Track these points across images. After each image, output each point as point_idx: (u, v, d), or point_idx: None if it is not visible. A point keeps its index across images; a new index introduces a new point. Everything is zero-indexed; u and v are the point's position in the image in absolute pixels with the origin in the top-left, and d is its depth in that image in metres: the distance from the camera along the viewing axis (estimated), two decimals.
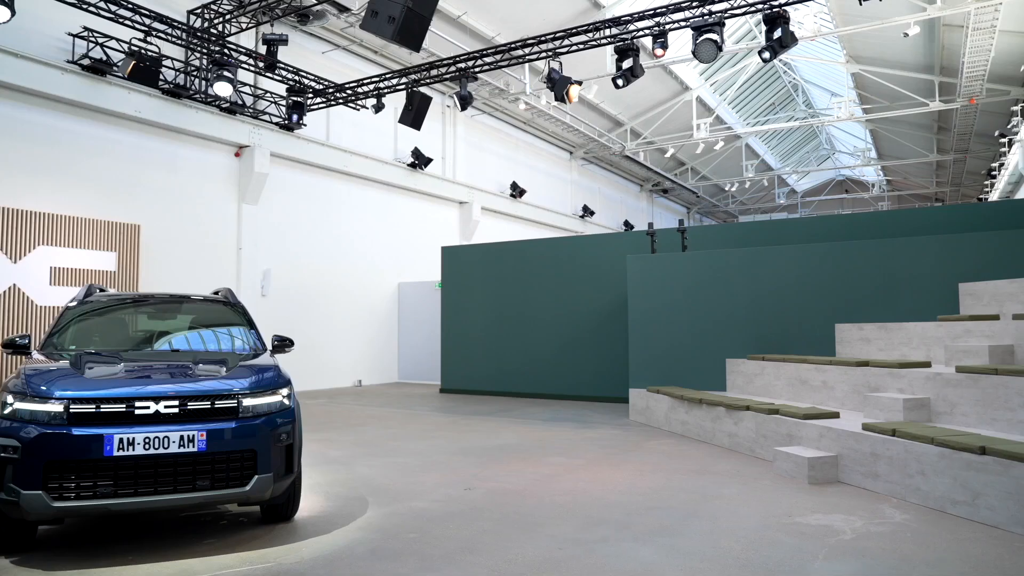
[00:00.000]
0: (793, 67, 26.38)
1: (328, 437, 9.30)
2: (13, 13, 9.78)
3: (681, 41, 18.55)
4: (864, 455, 6.38)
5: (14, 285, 11.05)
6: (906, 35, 16.39)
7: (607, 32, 12.68)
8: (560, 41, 13.00)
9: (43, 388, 4.43)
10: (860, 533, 5.01)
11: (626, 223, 31.34)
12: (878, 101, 24.65)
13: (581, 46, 12.98)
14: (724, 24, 11.37)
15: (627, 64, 12.40)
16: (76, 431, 4.27)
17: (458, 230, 21.70)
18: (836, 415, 7.45)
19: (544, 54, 13.24)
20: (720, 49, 11.23)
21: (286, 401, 5.00)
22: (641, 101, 24.75)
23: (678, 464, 7.60)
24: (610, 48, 14.60)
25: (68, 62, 12.20)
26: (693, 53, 11.37)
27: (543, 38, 13.09)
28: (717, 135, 25.78)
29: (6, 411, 4.38)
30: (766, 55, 11.58)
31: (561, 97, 13.13)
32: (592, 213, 28.61)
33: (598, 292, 13.85)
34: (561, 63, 13.19)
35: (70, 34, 12.19)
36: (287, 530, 5.10)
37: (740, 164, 31.21)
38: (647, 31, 12.22)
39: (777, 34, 11.22)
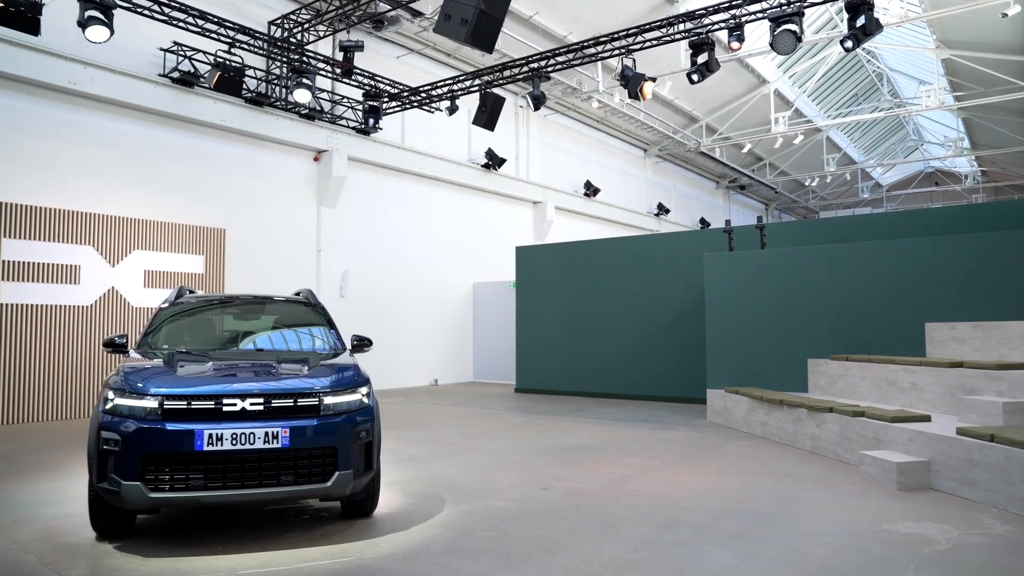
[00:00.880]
0: (877, 55, 25.34)
1: (405, 435, 9.46)
2: (112, 32, 10.32)
3: (758, 33, 18.14)
4: (959, 461, 6.07)
5: (112, 288, 11.67)
6: (1005, 15, 15.51)
7: (681, 27, 12.46)
8: (633, 38, 12.86)
9: (140, 385, 4.66)
10: (956, 544, 4.77)
11: (702, 221, 30.75)
12: (971, 87, 23.42)
13: (655, 42, 12.80)
14: (803, 14, 11.00)
15: (702, 59, 12.17)
16: (170, 426, 4.48)
17: (532, 230, 21.73)
18: (927, 419, 7.12)
19: (617, 51, 13.12)
20: (799, 40, 10.88)
21: (365, 400, 5.10)
22: (717, 96, 24.24)
23: (758, 467, 7.41)
24: (684, 43, 14.34)
25: (160, 75, 12.82)
26: (771, 45, 11.05)
27: (615, 35, 12.97)
28: (796, 129, 24.98)
29: (108, 406, 4.62)
30: (848, 44, 11.15)
31: (635, 94, 12.98)
32: (667, 211, 28.20)
33: (673, 291, 13.63)
34: (634, 60, 13.05)
35: (161, 49, 12.81)
36: (366, 525, 5.20)
37: (821, 158, 30.17)
38: (722, 24, 11.96)
39: (860, 22, 10.78)
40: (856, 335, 9.77)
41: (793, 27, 10.78)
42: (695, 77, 12.39)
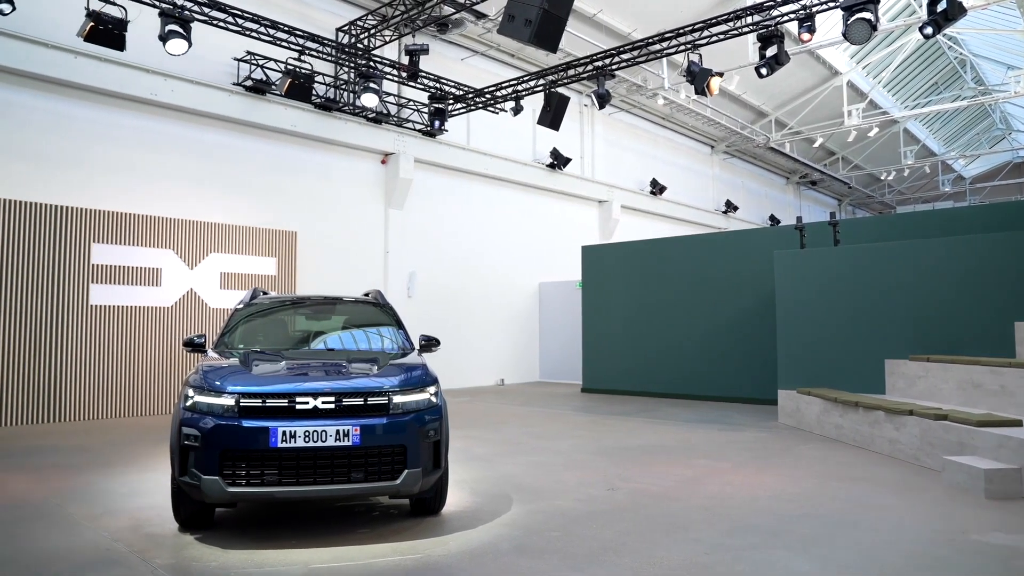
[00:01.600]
0: (960, 41, 24.27)
1: (472, 435, 9.53)
2: (190, 45, 10.75)
3: (830, 23, 17.58)
4: None
5: (191, 289, 12.13)
6: None
7: (749, 20, 12.19)
8: (699, 33, 12.65)
9: (217, 383, 4.82)
10: None
11: (772, 218, 30.01)
12: None
13: (721, 36, 12.55)
14: (878, 1, 10.61)
15: (771, 52, 11.88)
16: (246, 423, 4.62)
17: (598, 229, 21.62)
18: (1018, 423, 6.77)
19: (682, 47, 12.92)
20: (874, 29, 10.48)
21: (433, 399, 5.16)
22: (786, 89, 23.63)
23: (832, 470, 7.19)
24: (752, 36, 14.05)
25: (234, 84, 13.28)
26: (844, 35, 10.69)
27: (681, 31, 12.78)
28: (871, 121, 24.13)
29: (188, 403, 4.81)
30: (928, 31, 10.70)
31: (701, 90, 12.76)
32: (735, 208, 27.63)
33: (743, 290, 13.35)
34: (700, 55, 12.83)
35: (235, 59, 13.26)
36: (435, 523, 5.26)
37: (898, 151, 29.04)
38: (792, 15, 11.64)
39: (941, 6, 10.34)
40: (937, 335, 9.37)
41: (868, 15, 10.39)
42: (764, 71, 12.11)
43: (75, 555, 4.51)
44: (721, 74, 13.00)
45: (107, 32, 10.23)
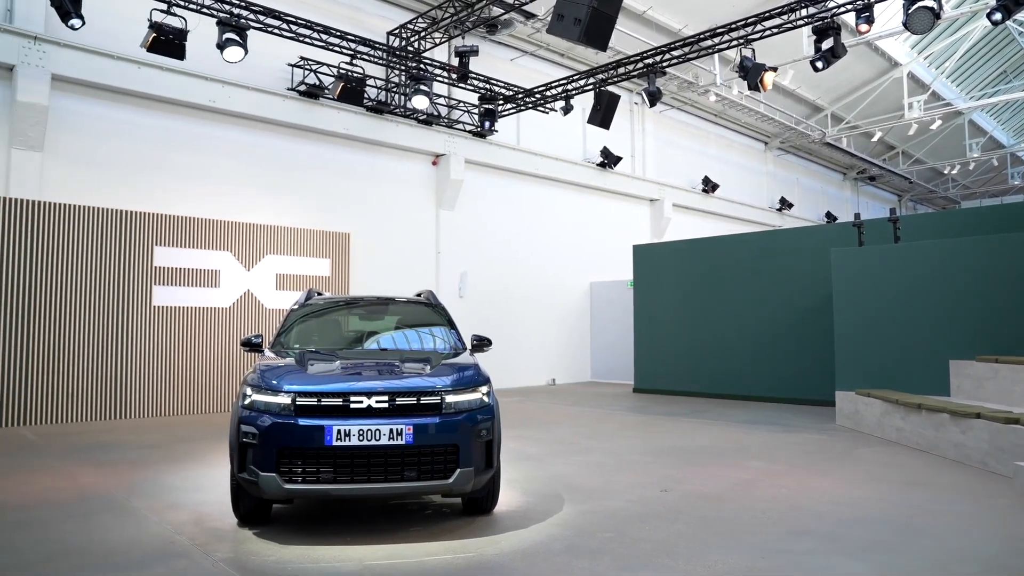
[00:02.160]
0: None
1: (524, 434, 9.54)
2: (246, 52, 11.02)
3: (889, 13, 17.07)
4: None
5: (248, 290, 12.43)
6: None
7: (804, 12, 11.92)
8: (752, 27, 12.42)
9: (274, 382, 4.92)
10: None
11: (828, 215, 29.29)
12: None
13: (775, 30, 12.31)
14: None
15: (827, 44, 11.60)
16: (302, 422, 4.71)
17: (649, 228, 21.43)
18: None
19: (735, 42, 12.71)
20: (938, 17, 10.14)
21: (486, 398, 5.18)
22: (843, 83, 23.04)
23: (894, 474, 6.98)
24: (807, 29, 13.73)
25: (288, 89, 13.57)
26: (904, 25, 10.37)
27: (733, 26, 12.57)
28: (933, 113, 23.33)
29: (246, 402, 4.92)
30: (997, 16, 10.31)
31: (755, 86, 12.53)
32: (790, 206, 27.06)
33: (798, 288, 13.08)
34: (753, 50, 12.60)
35: (289, 64, 13.55)
36: (487, 522, 5.29)
37: (962, 144, 28.01)
38: (849, 6, 11.35)
39: None
40: (1005, 334, 9.01)
41: (930, 3, 10.06)
42: (819, 64, 11.84)
43: (142, 546, 4.67)
44: (775, 69, 12.74)
45: (168, 42, 10.56)
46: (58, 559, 4.41)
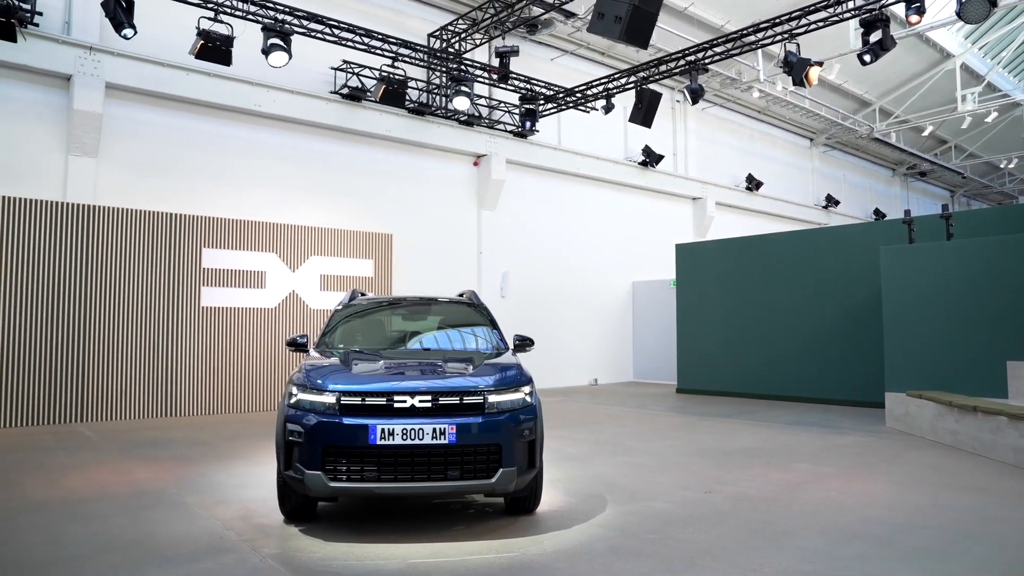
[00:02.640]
0: None
1: (566, 434, 9.53)
2: (290, 57, 11.22)
3: (941, 2, 16.60)
4: None
5: (293, 291, 12.64)
6: None
7: (850, 4, 11.68)
8: (797, 21, 12.21)
9: (319, 382, 4.99)
10: None
11: (876, 212, 28.61)
12: None
13: (821, 24, 12.07)
14: None
15: (875, 37, 11.33)
16: (346, 420, 4.77)
17: (692, 227, 21.21)
18: None
19: (779, 37, 12.51)
20: (994, 4, 9.82)
21: (528, 398, 5.18)
22: (891, 76, 22.48)
23: (948, 479, 6.79)
24: (854, 22, 13.42)
25: (331, 92, 13.77)
26: (958, 14, 10.09)
27: (777, 20, 12.37)
28: (988, 105, 22.61)
29: (292, 401, 5.01)
30: None
31: (800, 81, 12.33)
32: (836, 203, 26.50)
33: (845, 287, 12.82)
34: (798, 44, 12.39)
35: (332, 68, 13.74)
36: (529, 522, 5.29)
37: (1019, 136, 27.11)
38: None
39: None
40: None
41: None
42: (867, 58, 11.57)
43: (193, 541, 4.78)
44: (820, 63, 12.50)
45: (215, 49, 10.81)
46: (113, 551, 4.55)
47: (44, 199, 10.59)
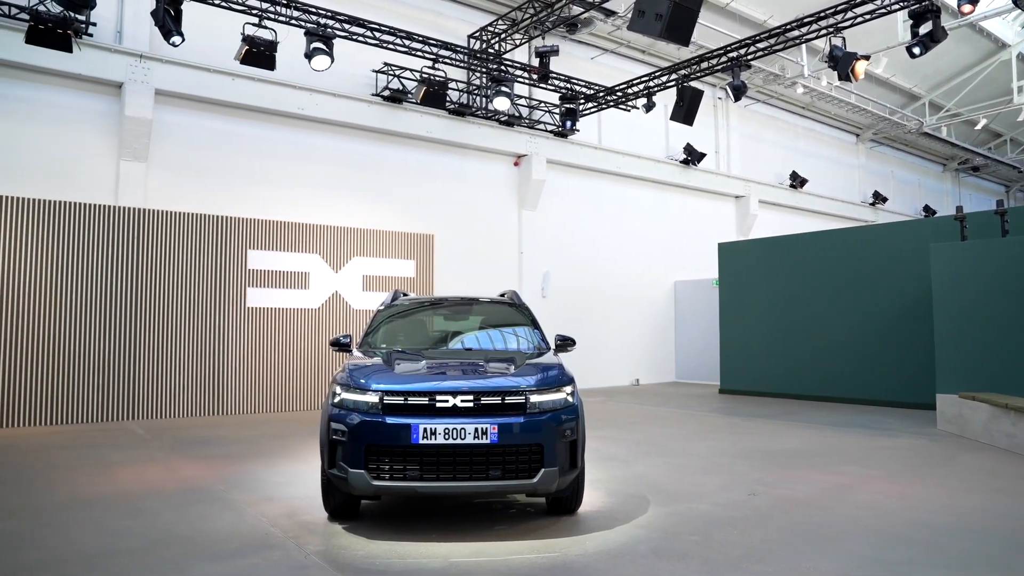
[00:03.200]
0: None
1: (607, 435, 9.48)
2: (332, 60, 11.38)
3: None
4: None
5: (336, 292, 12.80)
6: None
7: None
8: (842, 14, 11.96)
9: (362, 381, 5.04)
10: None
11: (926, 208, 27.85)
12: None
13: (868, 16, 11.82)
14: None
15: (925, 28, 11.04)
16: (389, 420, 4.81)
17: (735, 225, 20.93)
18: None
19: (824, 31, 12.27)
20: None
21: (570, 398, 5.16)
22: (942, 68, 21.89)
23: (1003, 483, 6.58)
24: (902, 13, 13.11)
25: (372, 95, 13.91)
26: (1015, 2, 9.77)
27: (822, 14, 12.13)
28: None
29: (336, 400, 5.07)
30: None
31: (845, 76, 12.05)
32: (884, 200, 25.89)
33: (894, 286, 12.52)
34: (844, 38, 12.13)
35: (373, 70, 13.89)
36: (571, 523, 5.28)
37: None
38: None
39: None
40: None
41: None
42: (916, 50, 11.28)
43: (240, 537, 4.88)
44: (867, 57, 12.22)
45: (260, 54, 11.01)
46: (163, 546, 4.66)
47: (97, 203, 10.91)
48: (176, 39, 10.34)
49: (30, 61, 10.62)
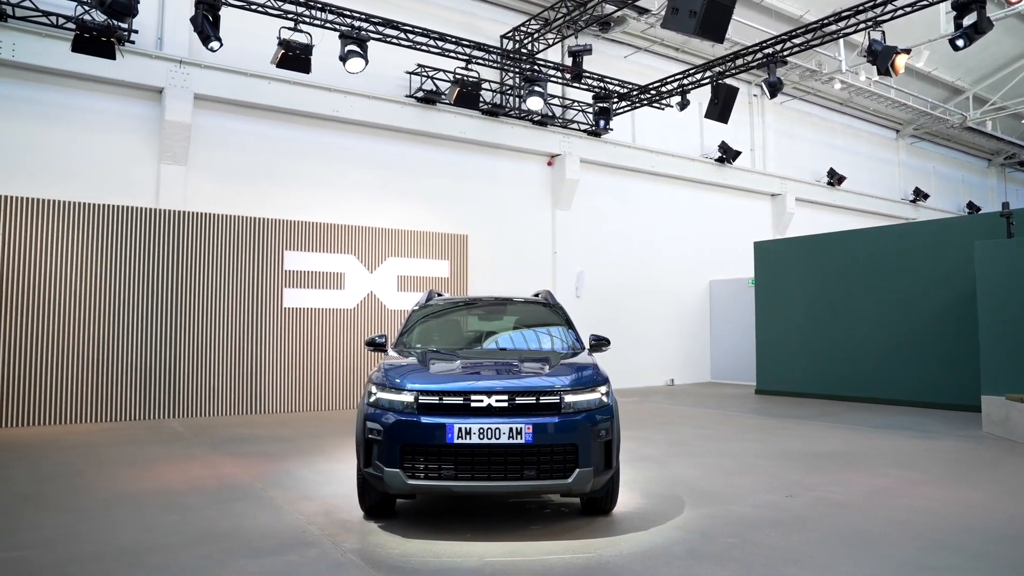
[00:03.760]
0: None
1: (642, 435, 9.42)
2: (367, 63, 11.48)
3: None
4: None
5: (371, 292, 12.91)
6: None
7: None
8: (882, 8, 11.73)
9: (398, 381, 5.08)
10: None
11: (970, 205, 27.20)
12: None
13: (908, 9, 11.57)
14: None
15: (969, 20, 10.78)
16: (424, 419, 4.83)
17: (771, 224, 20.65)
18: None
19: (862, 25, 12.05)
20: None
21: (604, 399, 5.14)
22: (987, 61, 21.36)
23: None
24: (945, 5, 12.79)
25: (406, 96, 14.01)
26: None
27: (860, 7, 11.91)
28: None
29: (371, 399, 5.11)
30: None
31: (885, 71, 11.82)
32: (925, 196, 25.32)
33: (936, 284, 12.25)
34: (883, 32, 11.90)
35: (407, 72, 13.98)
36: (606, 523, 5.25)
37: None
38: None
39: None
40: None
41: None
42: (960, 42, 11.01)
43: (278, 534, 4.95)
44: (908, 51, 11.96)
45: (295, 58, 11.17)
46: (203, 542, 4.75)
47: (139, 206, 11.16)
48: (214, 44, 10.52)
49: (76, 69, 10.90)
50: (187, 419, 11.00)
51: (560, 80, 15.20)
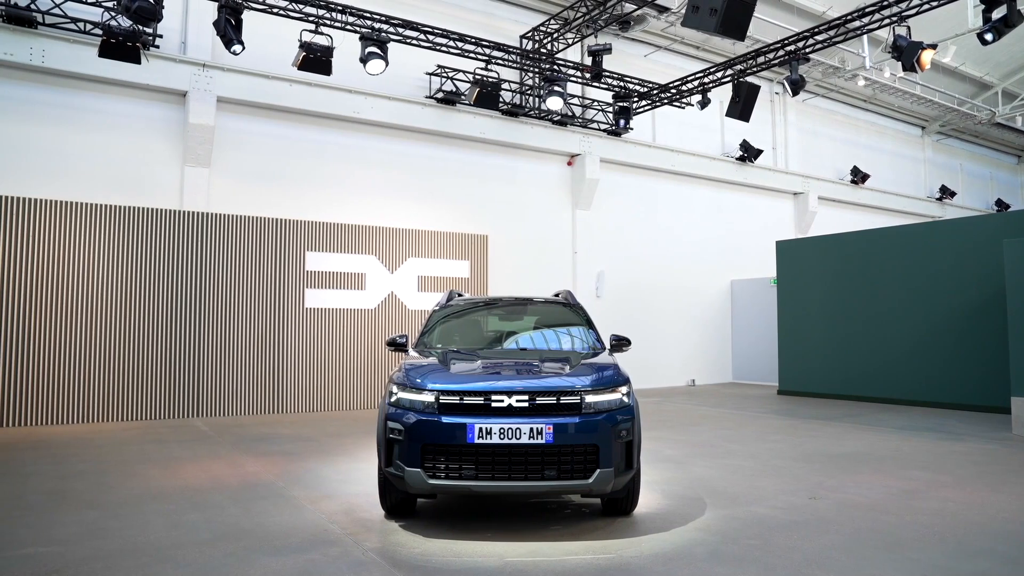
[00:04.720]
0: None
1: (663, 436, 9.38)
2: (387, 64, 11.53)
3: None
4: None
5: (392, 292, 12.97)
6: None
7: None
8: (907, 2, 11.57)
9: (419, 381, 5.09)
10: None
11: (999, 203, 26.77)
12: None
13: (934, 3, 11.40)
14: None
15: (998, 13, 10.61)
16: (445, 419, 4.84)
17: (793, 223, 20.47)
18: None
19: (887, 21, 11.90)
20: None
21: (625, 399, 5.13)
22: (1017, 55, 21.01)
23: None
24: None
25: (426, 97, 14.06)
26: None
27: (885, 3, 11.76)
28: None
29: (392, 399, 5.13)
30: None
31: (910, 66, 11.65)
32: (952, 194, 24.96)
33: (963, 284, 12.07)
34: (909, 27, 11.74)
35: (427, 73, 14.03)
36: (626, 524, 5.24)
37: None
38: None
39: None
40: None
41: None
42: (989, 36, 10.84)
43: (300, 532, 4.99)
44: (934, 46, 11.79)
45: (317, 60, 11.25)
46: (226, 539, 4.80)
47: (163, 208, 11.30)
48: (237, 47, 10.63)
49: (103, 74, 11.07)
50: (211, 418, 11.11)
51: (580, 80, 15.17)
